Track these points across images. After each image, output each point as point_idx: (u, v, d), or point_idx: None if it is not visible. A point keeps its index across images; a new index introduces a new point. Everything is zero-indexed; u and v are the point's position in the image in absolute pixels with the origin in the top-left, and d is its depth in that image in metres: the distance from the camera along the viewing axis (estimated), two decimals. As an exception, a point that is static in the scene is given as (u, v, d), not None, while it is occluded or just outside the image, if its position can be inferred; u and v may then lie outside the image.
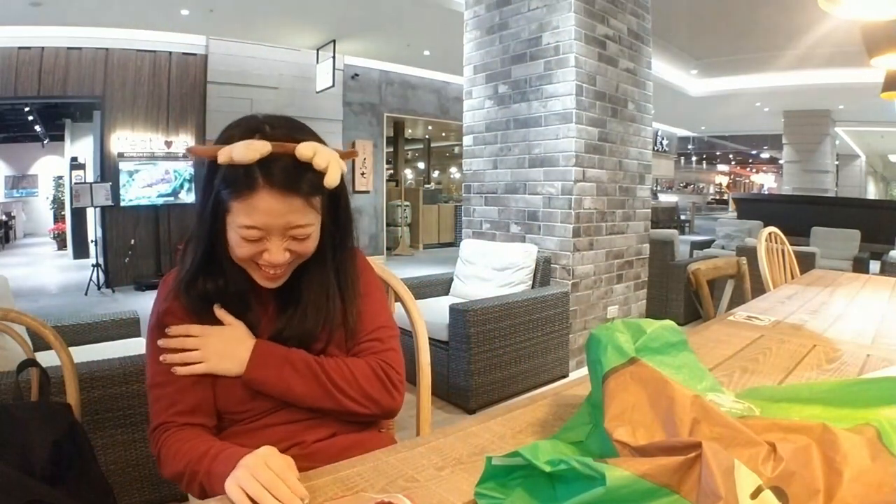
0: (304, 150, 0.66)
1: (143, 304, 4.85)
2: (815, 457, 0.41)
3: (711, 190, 25.57)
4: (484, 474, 0.48)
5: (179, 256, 0.78)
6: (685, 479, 0.39)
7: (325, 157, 0.67)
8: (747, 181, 27.15)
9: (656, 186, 16.51)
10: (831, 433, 0.43)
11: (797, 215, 6.69)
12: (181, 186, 5.78)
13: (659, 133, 12.92)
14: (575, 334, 2.99)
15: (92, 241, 6.14)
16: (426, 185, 11.82)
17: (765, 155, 20.69)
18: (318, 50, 6.26)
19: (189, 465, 0.66)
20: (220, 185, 0.68)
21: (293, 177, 0.67)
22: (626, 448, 0.47)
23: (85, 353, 1.69)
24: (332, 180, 0.68)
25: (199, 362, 0.73)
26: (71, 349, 0.96)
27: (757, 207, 8.29)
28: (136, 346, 2.03)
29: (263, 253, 0.70)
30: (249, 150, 0.64)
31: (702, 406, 0.47)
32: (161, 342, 0.73)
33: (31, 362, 0.94)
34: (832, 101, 8.38)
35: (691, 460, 0.39)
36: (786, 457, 0.41)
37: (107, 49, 5.44)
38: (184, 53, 5.82)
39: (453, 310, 2.39)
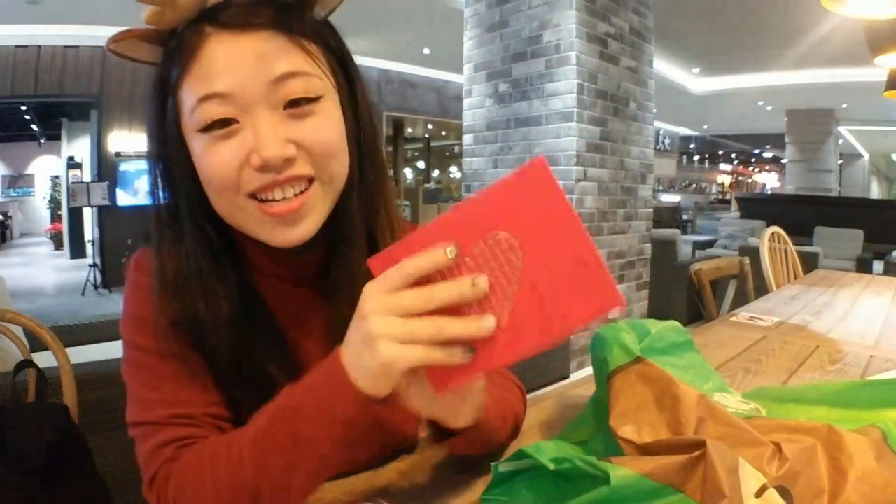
0: None
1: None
2: (820, 457, 0.41)
3: (714, 189, 25.56)
4: (491, 483, 0.47)
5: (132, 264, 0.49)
6: (689, 478, 0.38)
7: None
8: (750, 180, 27.13)
9: (658, 186, 16.50)
10: (837, 434, 0.43)
11: (800, 215, 6.67)
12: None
13: (661, 132, 12.90)
14: (576, 335, 2.98)
15: (89, 241, 6.16)
16: (426, 185, 11.83)
17: (767, 154, 20.66)
18: (318, 49, 6.26)
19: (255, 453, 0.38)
20: (162, 73, 0.44)
21: (257, 7, 0.43)
22: (631, 446, 0.46)
23: (82, 354, 1.68)
24: None
25: None
26: (68, 350, 0.95)
27: (760, 207, 8.26)
28: (135, 346, 2.02)
29: (251, 154, 0.41)
30: None
31: (707, 405, 0.47)
32: None
33: (28, 363, 0.93)
34: (835, 100, 8.36)
35: (695, 459, 0.38)
36: (791, 457, 0.41)
37: (104, 48, 5.44)
38: (183, 52, 5.83)
39: (454, 309, 2.39)
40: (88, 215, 6.49)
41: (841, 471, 0.40)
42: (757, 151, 20.56)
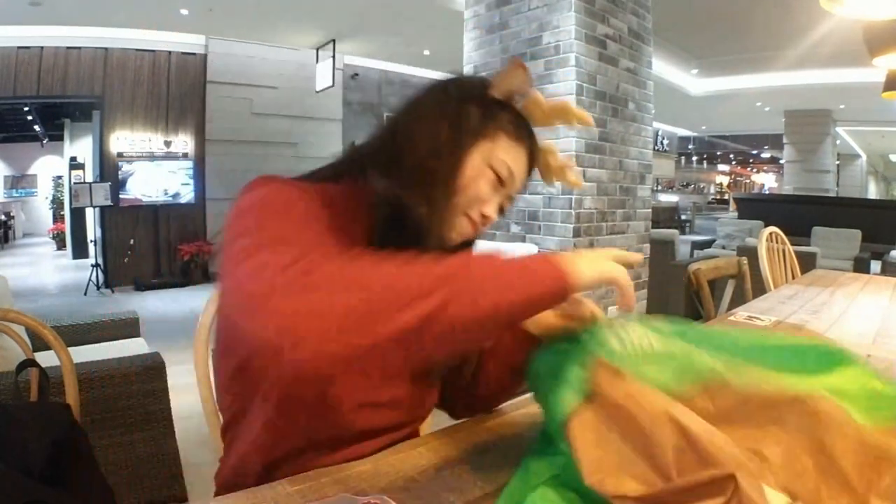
0: (551, 146, 0.71)
1: (143, 304, 4.85)
2: (803, 454, 0.42)
3: (712, 190, 25.55)
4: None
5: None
6: None
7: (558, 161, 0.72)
8: (748, 181, 27.13)
9: (657, 186, 16.50)
10: (809, 415, 0.43)
11: (798, 215, 6.68)
12: (180, 186, 5.78)
13: (659, 133, 12.91)
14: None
15: (91, 241, 6.15)
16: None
17: (765, 155, 20.66)
18: (317, 49, 6.25)
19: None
20: (492, 106, 0.64)
21: (538, 154, 0.70)
22: (629, 501, 0.42)
23: (84, 354, 1.69)
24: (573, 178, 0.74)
25: None
26: (70, 349, 0.96)
27: (758, 207, 8.28)
28: (135, 347, 2.03)
29: (485, 205, 0.63)
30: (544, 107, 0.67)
31: (680, 431, 0.42)
32: None
33: (31, 362, 0.94)
34: (833, 101, 8.37)
35: (731, 495, 0.36)
36: (778, 462, 0.41)
37: (106, 49, 5.43)
38: (183, 53, 5.82)
39: (453, 310, 2.39)
40: (91, 215, 6.50)
41: (828, 456, 0.41)
42: (755, 152, 20.56)
